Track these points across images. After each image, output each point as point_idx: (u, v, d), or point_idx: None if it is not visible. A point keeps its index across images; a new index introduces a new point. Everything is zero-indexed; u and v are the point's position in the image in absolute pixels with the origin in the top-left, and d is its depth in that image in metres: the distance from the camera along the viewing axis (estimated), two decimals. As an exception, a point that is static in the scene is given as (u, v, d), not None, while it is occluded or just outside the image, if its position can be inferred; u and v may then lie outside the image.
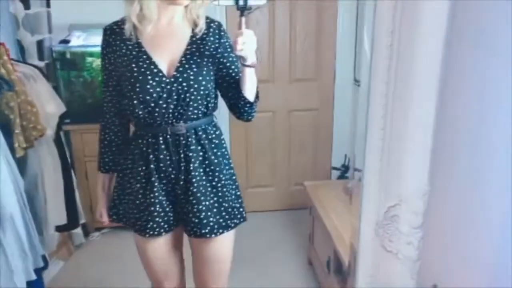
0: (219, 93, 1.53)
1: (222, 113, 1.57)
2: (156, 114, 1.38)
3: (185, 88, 1.36)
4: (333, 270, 2.15)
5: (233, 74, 1.46)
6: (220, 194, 1.49)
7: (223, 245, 1.55)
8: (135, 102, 1.37)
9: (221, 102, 1.55)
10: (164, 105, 1.37)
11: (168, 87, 1.36)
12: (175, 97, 1.37)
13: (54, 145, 2.39)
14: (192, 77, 1.37)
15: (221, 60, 1.44)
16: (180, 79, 1.36)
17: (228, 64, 1.45)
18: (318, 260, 2.52)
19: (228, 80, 1.46)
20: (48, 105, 2.25)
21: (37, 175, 2.00)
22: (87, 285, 2.58)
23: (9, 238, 1.59)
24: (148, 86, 1.35)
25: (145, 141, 1.43)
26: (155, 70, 1.37)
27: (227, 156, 1.54)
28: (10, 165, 1.65)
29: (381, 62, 0.70)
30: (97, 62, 2.88)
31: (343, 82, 3.29)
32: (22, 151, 1.82)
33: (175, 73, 1.37)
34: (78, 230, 2.95)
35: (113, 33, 1.42)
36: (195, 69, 1.38)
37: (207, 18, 1.45)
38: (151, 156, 1.42)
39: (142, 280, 1.82)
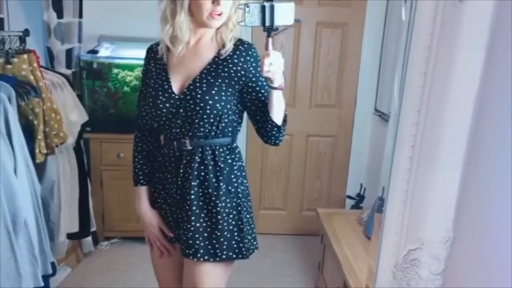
0: (246, 116, 1.50)
1: (240, 133, 1.54)
2: (167, 127, 1.43)
3: (192, 106, 1.37)
4: (341, 302, 2.10)
5: (261, 97, 1.43)
6: (214, 220, 1.43)
7: (208, 274, 1.46)
8: (150, 115, 1.44)
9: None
10: (173, 120, 1.41)
11: (177, 103, 1.39)
12: (183, 114, 1.39)
13: (74, 152, 2.43)
14: (199, 96, 1.37)
15: (248, 82, 1.42)
16: (188, 97, 1.38)
17: (256, 88, 1.42)
18: (326, 290, 2.47)
19: (256, 103, 1.43)
20: (72, 113, 2.29)
21: (54, 181, 2.02)
22: (93, 294, 2.58)
23: (21, 243, 1.60)
24: (158, 101, 1.40)
25: (162, 151, 1.50)
26: (166, 87, 1.41)
27: (235, 185, 1.47)
28: (29, 170, 1.68)
29: (411, 98, 0.70)
30: (122, 74, 2.93)
31: (363, 111, 3.27)
32: (42, 157, 1.84)
33: (185, 90, 1.39)
34: (88, 238, 2.96)
35: (152, 52, 1.50)
36: (205, 88, 1.38)
37: (238, 40, 1.44)
38: (162, 166, 1.49)
39: (148, 291, 1.82)
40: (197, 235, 1.42)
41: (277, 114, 1.40)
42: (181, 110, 1.40)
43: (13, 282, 1.55)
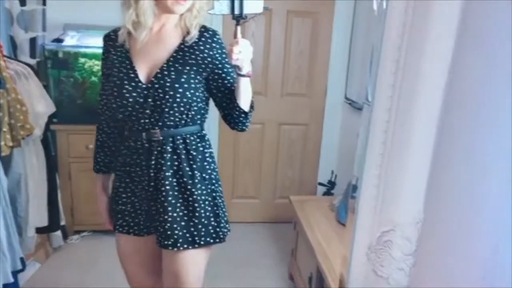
0: (212, 103, 1.51)
1: (212, 122, 1.55)
2: (134, 118, 1.39)
3: (161, 95, 1.35)
4: (315, 286, 2.15)
5: (228, 84, 1.44)
6: (191, 208, 1.43)
7: (189, 262, 1.47)
8: (114, 106, 1.39)
9: (210, 111, 1.53)
10: (141, 110, 1.37)
11: (145, 92, 1.36)
12: (151, 103, 1.36)
13: (41, 144, 2.36)
14: (168, 84, 1.35)
15: (214, 69, 1.42)
16: (156, 86, 1.35)
17: (222, 75, 1.43)
18: (300, 276, 2.52)
19: (222, 90, 1.44)
20: (38, 104, 2.21)
21: (21, 175, 1.96)
22: (63, 288, 2.53)
23: (-11, 239, 1.55)
24: (124, 91, 1.36)
25: (127, 143, 1.45)
26: (132, 76, 1.37)
27: (209, 171, 1.48)
28: (-5, 163, 1.62)
29: (384, 88, 0.72)
30: (89, 63, 2.86)
31: (334, 100, 3.32)
32: (8, 149, 1.78)
33: (152, 79, 1.36)
34: (57, 233, 2.89)
35: (110, 40, 1.46)
36: (173, 76, 1.36)
37: (202, 26, 1.43)
38: (128, 159, 1.45)
39: (119, 285, 1.80)
40: (175, 225, 1.42)
41: (244, 101, 1.41)
42: (149, 100, 1.37)
43: (-19, 278, 1.50)
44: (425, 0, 0.66)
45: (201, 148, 1.46)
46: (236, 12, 1.29)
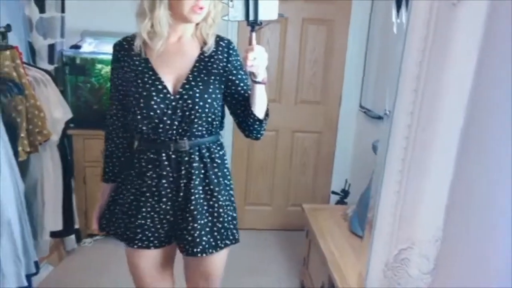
0: (227, 111, 1.52)
1: (226, 128, 1.56)
2: (160, 130, 1.39)
3: (190, 105, 1.36)
4: (327, 297, 2.13)
5: (242, 92, 1.45)
6: (215, 214, 1.47)
7: (214, 264, 1.54)
8: (139, 117, 1.38)
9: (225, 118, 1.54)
10: (168, 122, 1.37)
11: (173, 103, 1.36)
12: (180, 114, 1.37)
13: (57, 150, 2.39)
14: (197, 95, 1.37)
15: (230, 77, 1.44)
16: (185, 97, 1.36)
17: (237, 82, 1.45)
18: (311, 285, 2.50)
19: (237, 98, 1.45)
20: (56, 110, 2.25)
21: (37, 179, 1.99)
22: (76, 291, 2.56)
23: (4, 243, 1.57)
24: (153, 102, 1.36)
25: (146, 156, 1.43)
26: (160, 87, 1.37)
27: (228, 177, 1.53)
28: (12, 169, 1.65)
29: (405, 101, 0.71)
30: (106, 70, 2.90)
31: (348, 108, 3.31)
32: (25, 155, 1.81)
33: (180, 90, 1.37)
34: (71, 236, 2.93)
35: (122, 49, 1.44)
36: (201, 87, 1.38)
37: (217, 36, 1.45)
38: (150, 172, 1.42)
39: (131, 288, 1.81)
40: (202, 232, 1.45)
41: (259, 108, 1.42)
42: (178, 111, 1.37)
43: (-3, 282, 1.53)
44: (447, 13, 0.65)
45: (223, 156, 1.51)
46: (251, 18, 1.29)
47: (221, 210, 1.48)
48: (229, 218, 1.52)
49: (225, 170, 1.51)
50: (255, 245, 3.20)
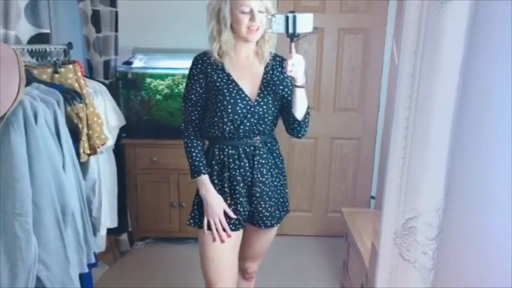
0: None
1: None
2: (241, 130, 1.69)
3: (265, 110, 1.69)
4: (365, 295, 2.18)
5: (287, 96, 1.74)
6: (279, 192, 1.84)
7: (274, 232, 1.92)
8: (225, 120, 1.68)
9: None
10: (248, 123, 1.68)
11: (252, 109, 1.68)
12: (256, 117, 1.69)
13: (113, 154, 2.63)
14: (270, 102, 1.70)
15: (282, 87, 1.74)
16: (262, 103, 1.69)
17: (286, 89, 1.74)
18: (351, 286, 2.54)
19: (284, 102, 1.74)
20: (111, 117, 2.49)
21: (95, 180, 2.20)
22: (129, 290, 2.74)
23: (69, 232, 1.77)
24: (238, 108, 1.67)
25: (225, 152, 1.73)
26: (243, 95, 1.68)
27: (284, 163, 1.89)
28: (75, 168, 1.86)
29: (403, 89, 0.81)
30: (154, 83, 3.12)
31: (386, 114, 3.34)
32: (86, 157, 2.03)
33: (257, 98, 1.69)
34: (125, 238, 3.14)
35: (204, 62, 1.73)
36: (272, 96, 1.71)
37: (275, 55, 1.78)
38: (232, 164, 1.73)
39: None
40: (274, 207, 1.80)
41: (299, 110, 1.69)
42: (255, 115, 1.68)
43: (62, 267, 1.72)
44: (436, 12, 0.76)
45: (278, 146, 1.86)
46: (290, 31, 1.51)
47: (282, 188, 1.85)
48: (285, 193, 1.88)
49: (281, 157, 1.86)
50: (296, 251, 3.26)
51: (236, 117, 1.67)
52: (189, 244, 3.22)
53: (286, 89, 1.74)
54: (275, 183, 1.81)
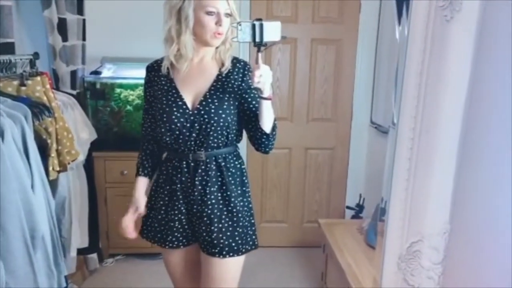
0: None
1: (240, 148, 1.71)
2: (180, 141, 1.55)
3: (206, 120, 1.52)
4: (345, 308, 2.16)
5: (253, 109, 1.58)
6: (235, 219, 1.59)
7: (230, 268, 1.64)
8: (162, 130, 1.56)
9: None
10: (187, 134, 1.53)
11: (192, 118, 1.52)
12: (197, 127, 1.53)
13: (83, 169, 2.50)
14: (213, 111, 1.52)
15: (244, 95, 1.58)
16: (202, 112, 1.52)
17: (249, 99, 1.59)
18: (330, 299, 2.52)
19: (248, 114, 1.59)
20: (82, 131, 2.37)
21: (65, 198, 2.08)
22: (99, 310, 2.61)
23: (39, 256, 1.66)
24: (173, 117, 1.53)
25: (171, 164, 1.60)
26: (180, 103, 1.54)
27: (247, 185, 1.66)
28: (44, 187, 1.75)
29: (408, 106, 0.79)
30: (124, 94, 3.02)
31: (359, 124, 3.38)
32: (55, 174, 1.91)
33: (198, 106, 1.53)
34: (94, 256, 2.99)
35: (153, 70, 1.63)
36: (216, 104, 1.53)
37: (234, 58, 1.62)
38: (174, 178, 1.59)
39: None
40: (220, 235, 1.57)
41: (266, 123, 1.55)
42: (195, 125, 1.53)
43: (31, 294, 1.60)
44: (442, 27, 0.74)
45: (238, 165, 1.64)
46: (257, 40, 1.43)
47: (240, 215, 1.60)
48: (247, 224, 1.64)
49: (244, 178, 1.65)
50: (272, 263, 3.22)
51: (173, 126, 1.53)
52: (160, 260, 3.08)
53: (250, 99, 1.58)
54: (229, 207, 1.58)
